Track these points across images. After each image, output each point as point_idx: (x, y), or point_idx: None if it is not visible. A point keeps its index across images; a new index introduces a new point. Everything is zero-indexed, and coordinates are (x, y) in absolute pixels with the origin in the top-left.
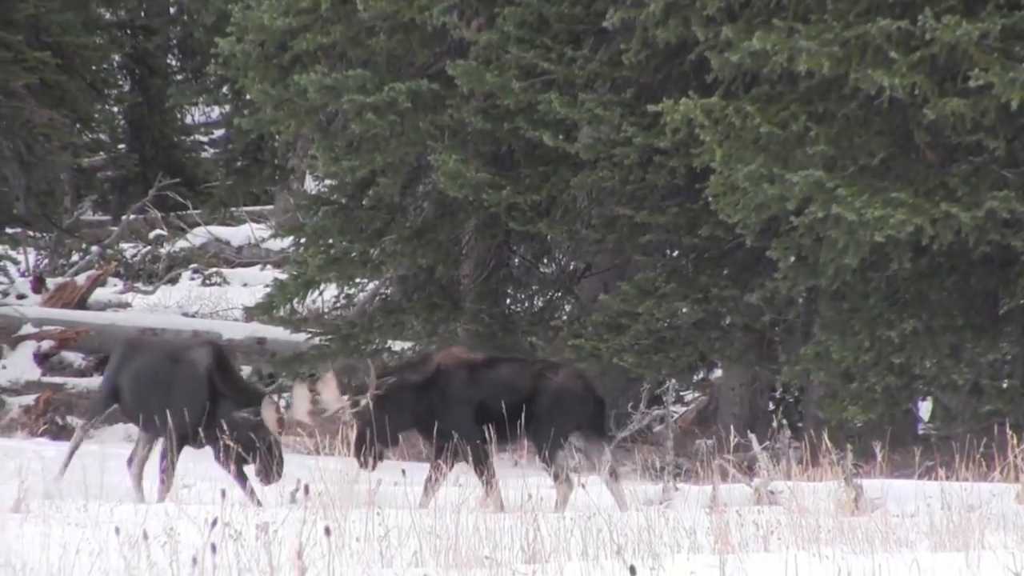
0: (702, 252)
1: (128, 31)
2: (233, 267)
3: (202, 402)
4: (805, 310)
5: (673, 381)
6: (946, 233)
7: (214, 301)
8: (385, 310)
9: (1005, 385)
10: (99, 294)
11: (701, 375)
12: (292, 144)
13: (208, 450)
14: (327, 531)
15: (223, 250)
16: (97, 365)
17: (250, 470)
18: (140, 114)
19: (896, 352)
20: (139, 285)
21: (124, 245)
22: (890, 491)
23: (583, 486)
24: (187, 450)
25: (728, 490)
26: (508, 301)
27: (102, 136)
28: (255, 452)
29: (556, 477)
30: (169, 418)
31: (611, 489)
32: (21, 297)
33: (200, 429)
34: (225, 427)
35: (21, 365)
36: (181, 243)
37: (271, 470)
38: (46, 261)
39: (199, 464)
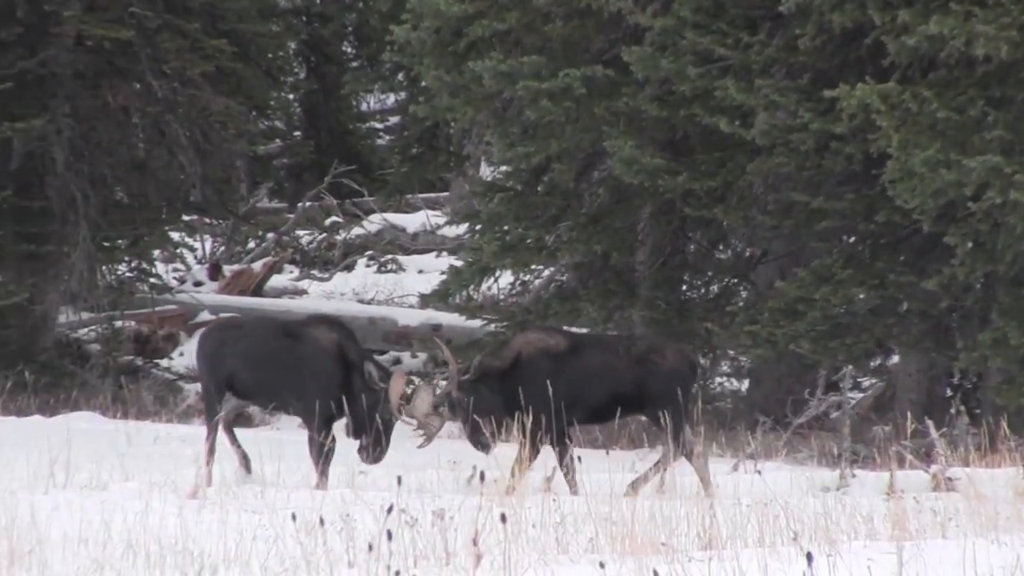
0: (879, 238)
1: (304, 18)
2: (408, 254)
3: (338, 378)
4: (983, 296)
5: (850, 367)
6: None
7: (389, 288)
8: (560, 297)
9: None
10: (275, 281)
11: (878, 361)
12: (467, 131)
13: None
14: (503, 518)
15: (398, 237)
16: None
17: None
18: (316, 101)
19: None
20: (315, 272)
21: (300, 232)
22: None
23: (759, 472)
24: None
25: (905, 477)
26: (684, 287)
27: (278, 123)
28: (368, 426)
29: (690, 455)
30: (304, 400)
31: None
32: (198, 284)
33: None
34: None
35: None
36: (357, 230)
37: (378, 450)
38: (222, 248)
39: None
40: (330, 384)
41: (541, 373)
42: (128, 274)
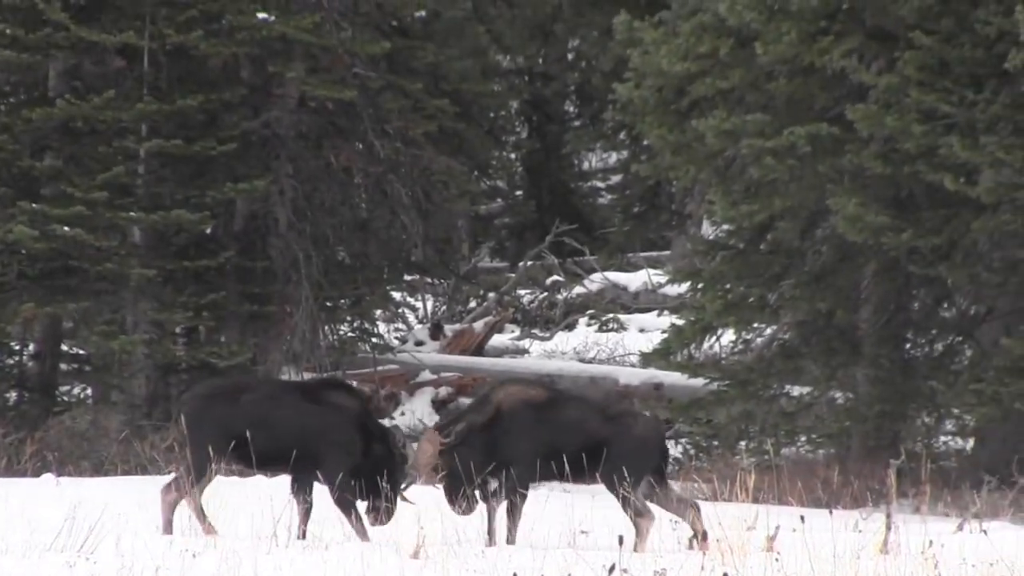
0: None
1: (526, 78)
2: (630, 312)
3: (359, 445)
4: None
5: None
6: None
7: (611, 347)
8: (783, 355)
9: None
10: (496, 340)
11: None
12: (689, 189)
13: None
14: None
15: (620, 296)
16: None
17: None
18: (537, 160)
19: None
20: (536, 331)
21: (521, 291)
22: None
23: (984, 532)
24: None
25: None
26: (907, 346)
27: (499, 183)
28: (377, 490)
29: (638, 512)
30: (330, 465)
31: (694, 527)
32: (419, 344)
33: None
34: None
35: (420, 411)
36: (578, 289)
37: (389, 511)
38: (444, 308)
39: (596, 508)
40: (354, 449)
41: (523, 424)
42: (350, 334)
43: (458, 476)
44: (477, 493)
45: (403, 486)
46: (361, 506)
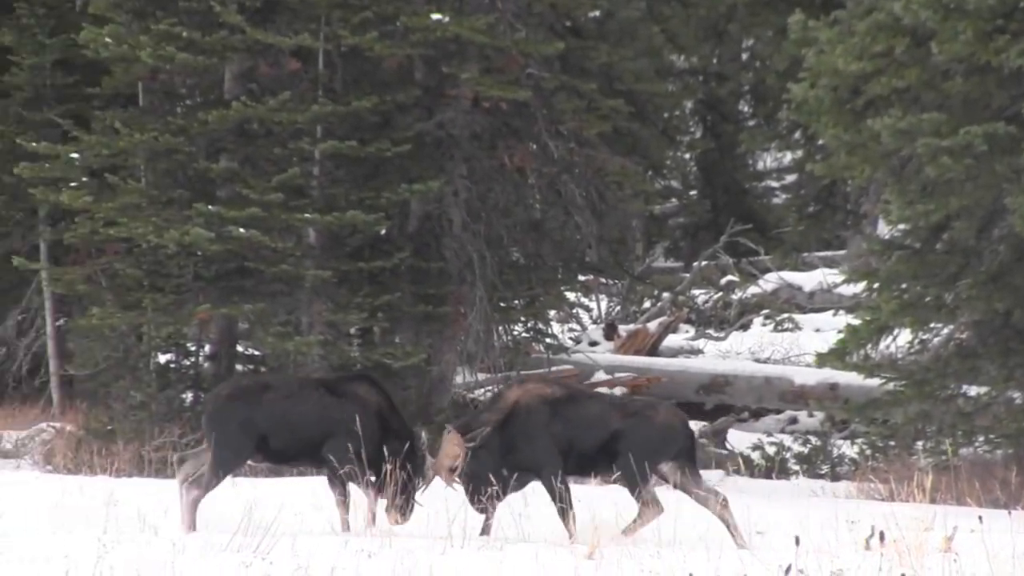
0: None
1: (700, 78)
2: (805, 312)
3: (378, 438)
4: None
5: None
6: None
7: (786, 347)
8: (960, 355)
9: None
10: (670, 340)
11: None
12: (865, 188)
13: None
14: None
15: (795, 295)
16: None
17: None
18: (712, 160)
19: None
20: (710, 331)
21: (695, 291)
22: None
23: None
24: None
25: None
26: None
27: (673, 183)
28: (396, 487)
29: (646, 502)
30: (335, 444)
31: (722, 518)
32: (593, 344)
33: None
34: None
35: None
36: (752, 289)
37: (405, 510)
38: (618, 308)
39: (771, 509)
40: (370, 442)
41: (540, 420)
42: (524, 334)
43: (480, 476)
44: (498, 490)
45: (422, 487)
46: (380, 504)
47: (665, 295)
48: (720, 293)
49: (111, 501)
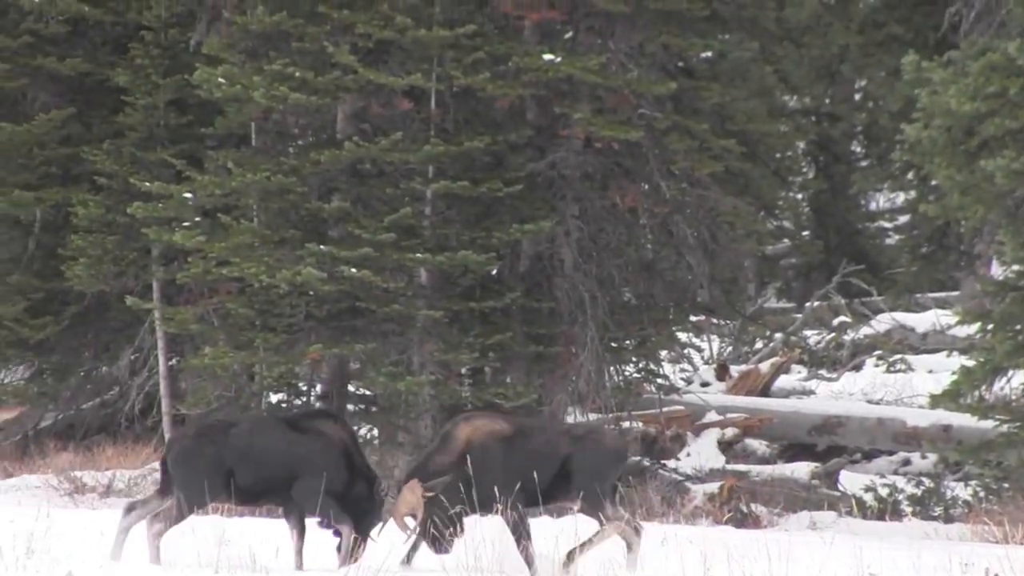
0: None
1: (813, 118)
2: (918, 353)
3: (344, 478)
4: None
5: None
6: None
7: (898, 388)
8: None
9: None
10: (782, 381)
11: None
12: (978, 229)
13: None
14: None
15: (907, 336)
16: (781, 453)
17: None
18: (824, 200)
19: None
20: (822, 372)
21: (807, 332)
22: None
23: None
24: None
25: None
26: None
27: (786, 223)
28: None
29: (609, 519)
30: (308, 485)
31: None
32: (705, 384)
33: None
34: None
35: (705, 452)
36: (865, 330)
37: (356, 551)
38: (730, 349)
39: (884, 551)
40: (334, 474)
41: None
42: (635, 374)
43: (440, 520)
44: (458, 528)
45: (376, 529)
46: (334, 541)
47: (777, 336)
48: (832, 334)
49: (223, 540)
